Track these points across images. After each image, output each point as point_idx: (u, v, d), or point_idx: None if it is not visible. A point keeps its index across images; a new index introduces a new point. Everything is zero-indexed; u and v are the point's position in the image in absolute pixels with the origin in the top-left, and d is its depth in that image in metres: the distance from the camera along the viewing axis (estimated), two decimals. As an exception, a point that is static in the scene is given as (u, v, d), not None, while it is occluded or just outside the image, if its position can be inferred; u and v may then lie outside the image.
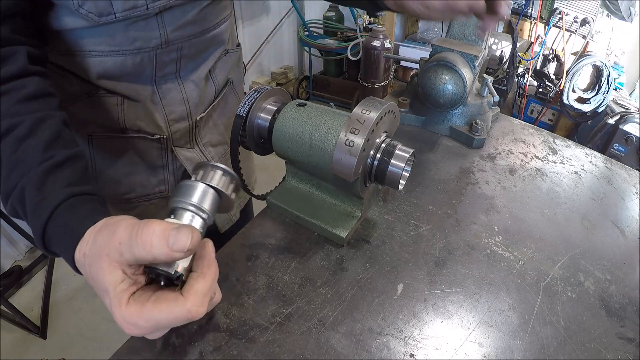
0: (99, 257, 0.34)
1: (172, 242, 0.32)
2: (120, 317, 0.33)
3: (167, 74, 0.64)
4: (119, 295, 0.33)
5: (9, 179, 0.41)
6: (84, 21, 0.51)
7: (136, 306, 0.33)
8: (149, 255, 0.32)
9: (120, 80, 0.61)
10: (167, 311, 0.33)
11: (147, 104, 0.65)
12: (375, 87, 2.61)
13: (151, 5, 0.53)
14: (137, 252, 0.32)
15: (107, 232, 0.35)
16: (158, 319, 0.33)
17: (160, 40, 0.58)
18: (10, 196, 0.41)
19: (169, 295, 0.34)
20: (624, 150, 2.08)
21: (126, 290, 0.34)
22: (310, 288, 0.49)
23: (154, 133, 0.68)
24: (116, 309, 0.33)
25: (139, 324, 0.33)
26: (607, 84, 2.17)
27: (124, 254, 0.33)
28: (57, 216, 0.38)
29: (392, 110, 0.49)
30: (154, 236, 0.32)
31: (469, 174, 0.70)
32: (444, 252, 0.55)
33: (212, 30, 0.66)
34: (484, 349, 0.44)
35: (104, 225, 0.36)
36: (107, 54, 0.57)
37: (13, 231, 1.77)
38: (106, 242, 0.34)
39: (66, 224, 0.38)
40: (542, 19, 2.35)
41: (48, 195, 0.39)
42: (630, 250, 0.58)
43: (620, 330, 0.47)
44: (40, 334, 1.63)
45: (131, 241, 0.32)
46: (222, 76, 0.77)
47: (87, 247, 0.36)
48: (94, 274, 0.35)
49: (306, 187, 0.59)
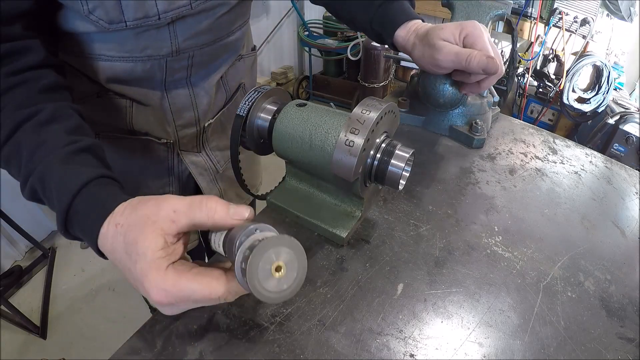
0: (142, 224, 0.34)
1: (233, 212, 0.35)
2: (154, 281, 0.33)
3: (177, 79, 0.63)
4: (157, 261, 0.33)
5: (31, 160, 0.41)
6: (93, 27, 0.51)
7: (175, 274, 0.33)
8: (209, 221, 0.34)
9: (129, 84, 0.60)
10: (205, 286, 0.33)
11: (156, 108, 0.64)
12: (375, 87, 2.61)
13: (163, 15, 0.52)
14: (199, 217, 0.34)
15: (154, 203, 0.35)
16: (192, 290, 0.33)
17: (171, 49, 0.57)
18: (30, 176, 0.41)
19: (212, 272, 0.35)
20: (624, 150, 2.08)
21: (165, 257, 0.34)
22: (310, 288, 0.49)
23: (162, 137, 0.68)
24: (152, 272, 0.33)
25: (171, 291, 0.33)
26: (607, 84, 2.17)
27: (179, 220, 0.34)
28: (87, 192, 0.38)
29: (392, 110, 0.49)
30: (218, 204, 0.34)
31: (469, 174, 0.70)
32: (444, 252, 0.55)
33: (226, 38, 0.64)
34: (484, 349, 0.44)
35: (142, 200, 0.36)
36: (117, 59, 0.56)
37: (13, 231, 1.77)
38: (153, 211, 0.35)
39: (97, 199, 0.38)
40: (542, 19, 2.35)
41: (77, 173, 0.39)
42: (630, 250, 0.58)
43: (620, 330, 0.47)
44: (40, 334, 1.63)
45: (192, 207, 0.34)
46: (235, 82, 0.76)
47: (123, 218, 0.36)
48: (131, 239, 0.34)
49: (306, 187, 0.59)
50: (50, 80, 0.46)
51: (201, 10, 0.56)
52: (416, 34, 0.61)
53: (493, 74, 0.57)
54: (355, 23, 0.69)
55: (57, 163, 0.39)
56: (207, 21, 0.58)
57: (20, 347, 1.61)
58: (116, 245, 0.36)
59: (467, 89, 0.64)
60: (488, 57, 0.54)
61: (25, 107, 0.43)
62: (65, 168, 0.39)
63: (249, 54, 0.79)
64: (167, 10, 0.52)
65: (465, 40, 0.57)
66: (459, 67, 0.58)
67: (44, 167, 0.40)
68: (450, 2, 0.74)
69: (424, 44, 0.59)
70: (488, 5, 0.71)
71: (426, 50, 0.59)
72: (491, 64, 0.54)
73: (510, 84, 2.31)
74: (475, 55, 0.55)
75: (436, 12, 2.53)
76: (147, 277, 0.33)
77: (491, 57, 0.54)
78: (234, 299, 0.35)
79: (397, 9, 0.63)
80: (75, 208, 0.38)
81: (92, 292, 1.81)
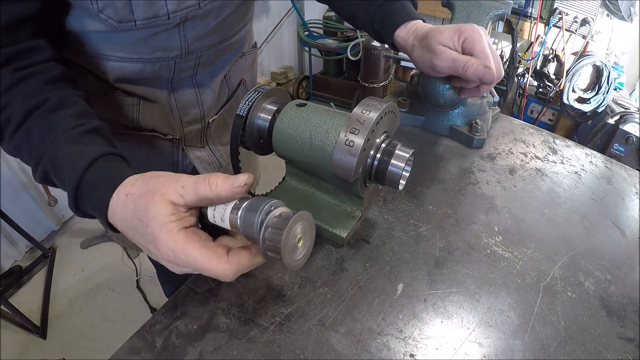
0: (153, 193, 0.36)
1: (232, 181, 0.36)
2: (164, 241, 0.35)
3: (183, 78, 0.64)
4: (169, 224, 0.35)
5: (42, 144, 0.42)
6: (103, 26, 0.51)
7: (185, 238, 0.35)
8: (212, 194, 0.36)
9: (137, 83, 0.61)
10: (206, 260, 0.35)
11: (162, 105, 0.65)
12: (375, 87, 2.61)
13: (172, 15, 0.52)
14: (203, 191, 0.36)
15: (165, 177, 0.38)
16: (195, 260, 0.35)
17: (181, 52, 0.58)
18: (42, 159, 0.42)
19: (216, 249, 0.36)
20: (624, 150, 2.08)
21: (176, 222, 0.36)
22: (310, 288, 0.49)
23: (167, 133, 0.69)
24: (164, 233, 0.35)
25: (178, 254, 0.35)
26: (607, 84, 2.17)
27: (186, 195, 0.36)
28: (96, 167, 0.40)
29: (392, 110, 0.49)
30: (219, 178, 0.36)
31: (469, 174, 0.70)
32: (444, 252, 0.55)
33: (232, 37, 0.66)
34: (484, 349, 0.44)
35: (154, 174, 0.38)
36: (126, 60, 0.57)
37: (13, 231, 1.77)
38: (164, 184, 0.37)
39: (105, 173, 0.40)
40: (542, 19, 2.35)
41: (88, 149, 0.41)
42: (630, 250, 0.58)
43: (620, 330, 0.47)
44: (40, 334, 1.63)
45: (197, 183, 0.36)
46: (236, 78, 0.78)
47: (135, 189, 0.37)
48: (142, 206, 0.36)
49: (306, 187, 0.59)
50: (56, 71, 0.47)
51: (209, 10, 0.56)
52: (415, 35, 0.61)
53: (489, 83, 0.57)
54: (356, 22, 0.69)
55: (66, 144, 0.41)
56: (214, 22, 0.59)
57: (20, 347, 1.61)
58: (127, 213, 0.37)
59: (466, 94, 0.65)
60: (485, 67, 0.54)
61: (33, 96, 0.44)
62: (74, 148, 0.41)
63: (250, 51, 0.80)
64: (176, 10, 0.52)
65: (464, 44, 0.57)
66: (455, 73, 0.58)
67: (54, 149, 0.41)
68: (450, 2, 0.74)
69: (423, 47, 0.59)
70: (488, 5, 0.71)
71: (425, 53, 0.59)
72: (487, 74, 0.55)
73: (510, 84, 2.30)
74: (472, 64, 0.55)
75: (436, 12, 2.53)
76: (158, 238, 0.35)
77: (488, 66, 0.55)
78: (233, 279, 0.36)
79: (397, 9, 0.63)
80: (85, 183, 0.40)
81: (92, 292, 1.81)
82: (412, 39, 0.61)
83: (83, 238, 2.06)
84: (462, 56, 0.56)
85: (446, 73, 0.59)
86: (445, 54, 0.57)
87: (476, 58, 0.56)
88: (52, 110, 0.44)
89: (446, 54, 0.57)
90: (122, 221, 0.38)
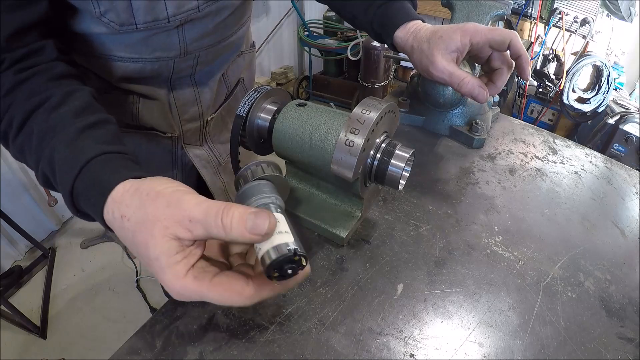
0: (151, 226, 0.32)
1: (251, 226, 0.31)
2: (172, 286, 0.32)
3: (182, 77, 0.65)
4: (174, 267, 0.32)
5: (40, 145, 0.41)
6: (105, 28, 0.52)
7: (195, 283, 0.32)
8: (227, 237, 0.32)
9: (137, 82, 0.62)
10: (226, 298, 0.32)
11: (161, 103, 0.66)
12: (375, 87, 2.61)
13: (172, 18, 0.54)
14: (215, 232, 0.32)
15: (164, 204, 0.33)
16: (211, 299, 0.32)
17: (180, 52, 0.59)
18: (40, 162, 0.41)
19: (235, 284, 0.33)
20: (624, 150, 2.08)
21: (181, 262, 0.32)
22: (310, 288, 0.49)
23: (167, 131, 0.70)
24: (170, 277, 0.32)
25: (191, 297, 0.32)
26: (607, 84, 2.17)
27: (195, 230, 0.32)
28: (88, 171, 0.37)
29: (392, 110, 0.49)
30: (234, 220, 0.31)
31: (469, 174, 0.70)
32: (444, 252, 0.55)
33: (230, 37, 0.66)
34: (484, 349, 0.44)
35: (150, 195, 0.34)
36: (127, 60, 0.58)
37: (13, 231, 1.77)
38: (165, 214, 0.32)
39: (96, 178, 0.37)
40: (542, 19, 2.35)
41: (79, 152, 0.38)
42: (630, 250, 0.58)
43: (620, 330, 0.47)
44: (40, 334, 1.63)
45: (208, 220, 0.31)
46: (234, 77, 0.79)
47: (130, 211, 0.34)
48: (141, 241, 0.33)
49: (306, 187, 0.59)
50: (61, 69, 0.47)
51: (208, 12, 0.57)
52: (415, 36, 0.61)
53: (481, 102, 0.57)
54: (356, 22, 0.69)
55: (61, 146, 0.39)
56: (213, 23, 0.60)
57: (20, 347, 1.61)
58: (126, 238, 0.35)
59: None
60: (479, 87, 0.54)
61: (36, 95, 0.43)
62: (68, 150, 0.39)
63: (248, 50, 0.81)
64: (176, 13, 0.53)
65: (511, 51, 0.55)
66: (450, 86, 0.58)
67: (50, 151, 0.40)
68: (450, 2, 0.74)
69: (422, 52, 0.58)
70: (488, 5, 0.71)
71: (423, 59, 0.58)
72: (481, 95, 0.54)
73: (510, 84, 2.31)
74: (468, 82, 0.54)
75: (436, 12, 2.53)
76: (164, 281, 0.32)
77: (482, 86, 0.54)
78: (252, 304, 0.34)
79: (397, 10, 0.63)
80: (77, 190, 0.38)
81: (92, 292, 1.81)
82: (411, 40, 0.61)
83: (83, 238, 2.06)
84: (459, 72, 0.55)
85: (442, 83, 0.60)
86: (442, 67, 0.56)
87: (519, 60, 0.55)
88: (53, 108, 0.42)
89: (443, 67, 0.55)
90: (123, 240, 0.36)
